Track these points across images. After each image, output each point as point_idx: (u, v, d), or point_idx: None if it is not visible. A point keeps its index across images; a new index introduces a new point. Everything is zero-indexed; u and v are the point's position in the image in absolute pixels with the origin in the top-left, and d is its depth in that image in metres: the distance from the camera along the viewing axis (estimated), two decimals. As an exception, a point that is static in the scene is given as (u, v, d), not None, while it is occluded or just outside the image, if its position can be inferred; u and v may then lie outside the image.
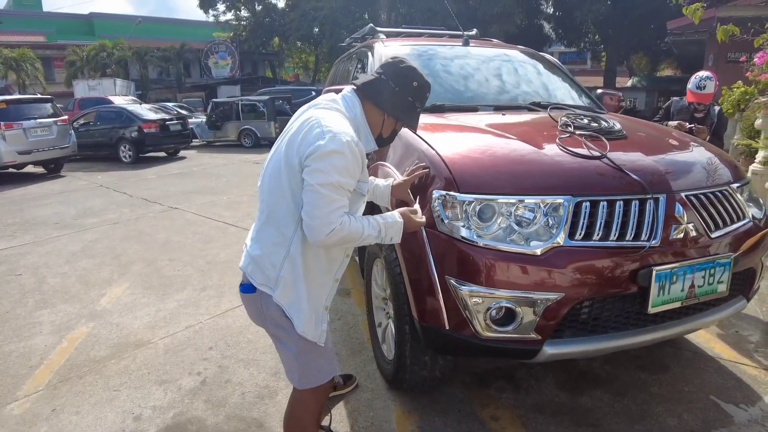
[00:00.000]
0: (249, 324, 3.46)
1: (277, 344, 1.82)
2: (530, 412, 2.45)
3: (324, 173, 1.52)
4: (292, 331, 1.71)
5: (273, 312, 1.70)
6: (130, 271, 4.67)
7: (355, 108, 1.74)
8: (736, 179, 2.40)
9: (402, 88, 1.71)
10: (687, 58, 20.55)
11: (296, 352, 1.75)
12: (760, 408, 2.45)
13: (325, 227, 1.54)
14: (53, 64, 30.87)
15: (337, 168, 1.54)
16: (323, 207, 1.53)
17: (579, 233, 1.91)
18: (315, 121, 1.60)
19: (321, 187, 1.52)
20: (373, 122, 1.76)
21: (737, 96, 8.70)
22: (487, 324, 1.90)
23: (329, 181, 1.53)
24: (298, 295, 1.69)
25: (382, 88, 1.72)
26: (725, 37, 2.77)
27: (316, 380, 1.80)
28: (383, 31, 4.03)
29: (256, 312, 1.77)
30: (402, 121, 1.79)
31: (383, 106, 1.74)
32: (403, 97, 1.72)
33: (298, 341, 1.73)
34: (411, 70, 1.75)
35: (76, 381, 2.87)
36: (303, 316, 1.70)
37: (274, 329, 1.75)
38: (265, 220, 1.71)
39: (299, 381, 1.80)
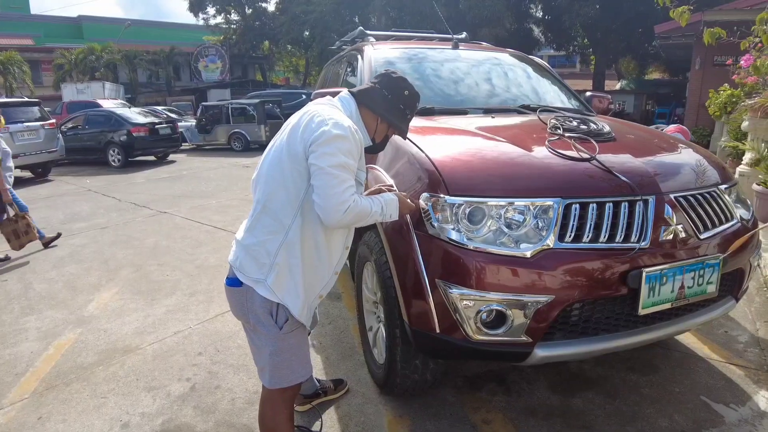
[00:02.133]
0: (239, 329, 3.43)
1: (254, 340, 1.86)
2: (522, 415, 2.44)
3: (333, 155, 1.62)
4: (273, 329, 1.76)
5: (257, 307, 1.74)
6: (119, 276, 4.61)
7: (351, 107, 1.86)
8: (724, 181, 2.42)
9: (394, 95, 1.86)
10: (674, 62, 20.80)
11: (271, 351, 1.79)
12: (749, 407, 2.47)
13: (341, 205, 1.63)
14: (41, 68, 30.61)
15: (343, 150, 1.64)
16: (336, 186, 1.62)
17: (569, 235, 1.91)
18: (315, 113, 1.72)
19: (332, 168, 1.62)
20: (367, 124, 1.89)
21: (724, 98, 8.81)
22: (478, 327, 1.89)
23: (339, 162, 1.63)
24: (294, 281, 1.73)
25: (376, 94, 1.86)
26: (712, 40, 2.79)
27: (287, 381, 1.83)
28: (373, 35, 4.04)
29: (238, 305, 1.80)
30: (393, 127, 1.91)
31: (377, 111, 1.86)
32: (396, 104, 1.86)
33: (275, 340, 1.77)
34: (402, 81, 1.90)
35: (63, 388, 2.82)
36: (299, 301, 1.75)
37: (254, 324, 1.78)
38: (260, 211, 1.74)
39: (270, 380, 1.83)
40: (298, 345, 1.84)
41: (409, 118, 1.93)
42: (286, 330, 1.78)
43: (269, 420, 1.90)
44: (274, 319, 1.75)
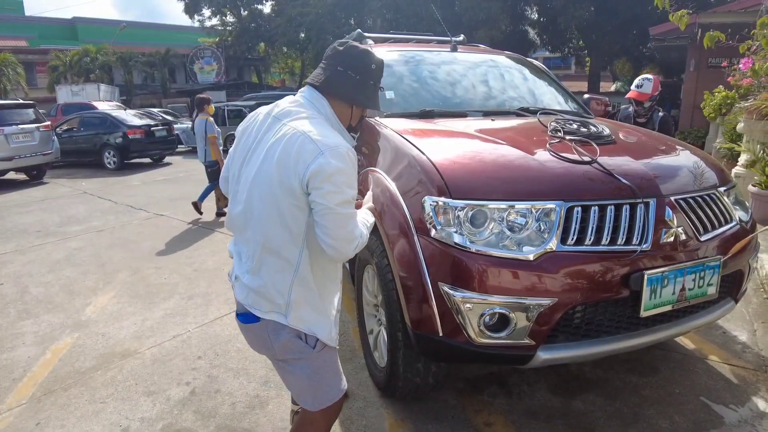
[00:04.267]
0: (238, 332, 3.40)
1: (286, 370, 1.74)
2: (523, 417, 2.44)
3: (339, 193, 1.48)
4: (306, 351, 1.66)
5: (283, 338, 1.63)
6: (116, 279, 4.59)
7: (324, 108, 1.66)
8: (723, 183, 2.43)
9: (362, 74, 1.66)
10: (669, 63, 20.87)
11: (309, 373, 1.69)
12: (749, 408, 2.48)
13: (351, 243, 1.55)
14: (35, 69, 30.47)
15: (347, 183, 1.51)
16: (346, 226, 1.52)
17: (571, 238, 1.92)
18: (303, 137, 1.51)
19: (340, 207, 1.49)
20: (341, 114, 1.69)
21: (719, 100, 8.86)
22: (481, 330, 1.89)
23: (345, 199, 1.50)
24: (316, 310, 1.65)
25: (344, 81, 1.65)
26: (711, 43, 2.81)
27: (330, 398, 1.75)
28: (371, 37, 4.03)
29: (260, 341, 1.70)
30: (370, 107, 1.75)
31: (350, 99, 1.68)
32: (366, 83, 1.68)
33: (311, 361, 1.68)
34: (366, 54, 1.69)
35: (61, 393, 2.80)
36: (326, 327, 1.68)
37: (283, 356, 1.68)
38: (261, 251, 1.59)
39: (313, 403, 1.73)
40: (332, 359, 1.76)
41: (380, 89, 1.79)
42: (319, 348, 1.68)
43: None
44: (305, 341, 1.65)
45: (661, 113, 4.56)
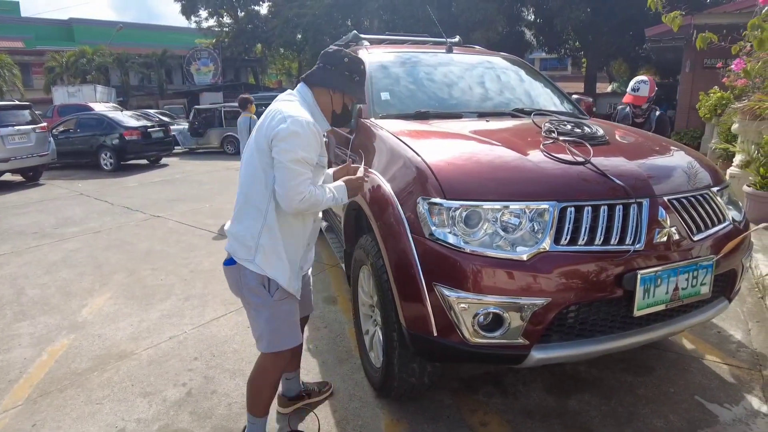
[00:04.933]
0: (234, 334, 3.43)
1: (252, 312, 2.09)
2: (519, 416, 2.45)
3: (291, 151, 1.85)
4: (267, 298, 2.01)
5: (250, 281, 2.00)
6: (112, 281, 4.59)
7: (307, 96, 2.08)
8: (716, 183, 2.45)
9: (336, 66, 2.07)
10: (665, 64, 20.94)
11: (267, 317, 2.04)
12: (743, 407, 2.49)
13: (297, 195, 1.87)
14: (31, 71, 30.36)
15: (300, 145, 1.86)
16: (293, 179, 1.86)
17: (564, 238, 1.93)
18: (277, 111, 1.95)
19: (290, 162, 1.85)
20: (323, 102, 2.09)
21: (714, 101, 8.90)
22: (475, 330, 1.90)
23: (296, 157, 1.85)
24: (278, 257, 1.99)
25: (320, 71, 2.09)
26: (704, 44, 2.83)
27: (281, 345, 2.09)
28: (367, 38, 4.05)
29: (234, 281, 2.07)
30: (346, 93, 2.10)
31: (326, 83, 2.07)
32: (340, 72, 2.07)
33: (269, 307, 2.03)
34: (339, 51, 2.12)
35: (57, 395, 2.80)
36: (286, 274, 2.01)
37: (249, 297, 2.05)
38: (243, 203, 2.02)
39: (267, 345, 2.09)
40: (290, 312, 2.09)
41: (358, 80, 2.11)
42: (278, 297, 2.03)
43: (258, 381, 2.15)
44: (267, 289, 2.01)
45: (657, 112, 4.59)
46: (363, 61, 2.13)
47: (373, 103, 3.03)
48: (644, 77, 4.59)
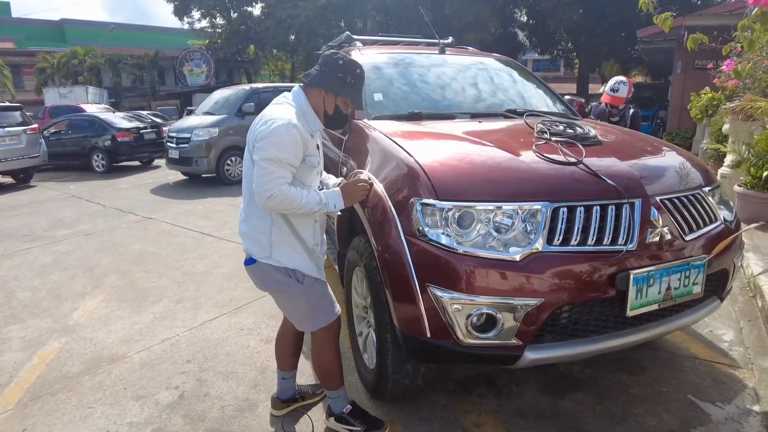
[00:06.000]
0: (227, 336, 3.41)
1: (285, 301, 2.22)
2: (513, 417, 2.46)
3: (264, 150, 1.93)
4: (298, 286, 2.12)
5: (274, 274, 2.11)
6: (104, 283, 4.55)
7: (299, 98, 2.13)
8: (708, 183, 2.46)
9: (330, 67, 2.10)
10: (656, 65, 21.09)
11: (304, 300, 2.17)
12: (735, 405, 2.51)
13: (264, 193, 1.92)
14: (22, 72, 30.13)
15: (274, 145, 1.92)
16: (263, 177, 1.93)
17: (557, 239, 1.93)
18: (263, 115, 2.05)
19: (261, 161, 1.93)
20: (315, 102, 2.13)
21: (705, 102, 8.96)
22: (468, 331, 1.90)
23: (267, 156, 1.92)
24: (294, 248, 2.11)
25: (316, 72, 2.13)
26: (695, 45, 2.84)
27: (326, 320, 2.22)
28: (359, 39, 4.04)
29: (258, 279, 2.19)
30: (340, 94, 2.12)
31: (320, 85, 2.10)
32: (334, 73, 2.09)
33: (303, 293, 2.15)
34: (335, 53, 2.16)
35: (48, 399, 2.77)
36: (306, 263, 2.14)
37: (279, 289, 2.16)
38: (248, 201, 2.12)
39: (313, 324, 2.22)
40: (323, 291, 2.23)
41: (352, 83, 2.12)
42: (308, 283, 2.15)
43: (322, 358, 2.29)
44: (295, 279, 2.12)
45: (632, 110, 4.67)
46: (359, 65, 2.14)
47: (366, 104, 3.03)
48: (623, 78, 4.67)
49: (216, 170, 9.55)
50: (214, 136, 9.44)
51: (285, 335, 2.51)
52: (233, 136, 9.60)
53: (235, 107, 9.80)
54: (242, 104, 9.70)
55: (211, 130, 9.46)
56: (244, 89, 10.24)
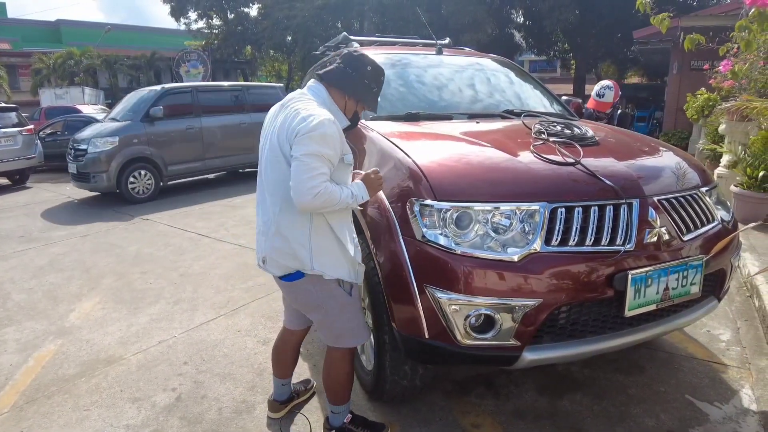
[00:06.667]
0: (224, 337, 3.40)
1: (331, 317, 2.07)
2: (511, 418, 2.45)
3: (305, 145, 1.78)
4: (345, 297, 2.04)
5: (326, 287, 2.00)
6: (101, 285, 4.53)
7: (322, 94, 2.01)
8: (705, 183, 2.47)
9: (358, 72, 2.01)
10: (653, 66, 21.16)
11: (350, 315, 2.07)
12: (733, 405, 2.51)
13: (311, 190, 1.76)
14: (18, 72, 29.97)
15: (317, 140, 1.79)
16: (307, 172, 1.77)
17: (555, 239, 1.93)
18: (296, 111, 1.89)
19: (303, 156, 1.78)
20: (337, 104, 2.03)
21: (701, 102, 8.99)
22: (467, 331, 1.90)
23: (310, 150, 1.78)
24: (336, 256, 1.98)
25: (341, 73, 2.01)
26: (692, 45, 2.85)
27: (362, 337, 2.16)
28: (356, 40, 4.04)
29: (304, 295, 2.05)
30: (362, 102, 2.06)
31: (344, 88, 2.01)
32: (360, 79, 2.01)
33: (348, 306, 2.06)
34: (363, 57, 2.06)
35: (44, 401, 2.76)
36: (350, 269, 2.03)
37: (329, 301, 2.02)
38: (279, 210, 1.93)
39: (350, 341, 2.13)
40: (360, 307, 2.16)
41: (375, 92, 2.07)
42: (355, 295, 2.09)
43: (341, 372, 2.17)
44: (342, 288, 2.03)
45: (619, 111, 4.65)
46: (383, 72, 2.09)
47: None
48: (609, 82, 4.58)
49: (118, 186, 8.11)
50: (114, 147, 8.03)
51: (287, 346, 2.47)
52: (139, 145, 8.27)
53: (141, 112, 8.48)
54: (150, 108, 8.41)
55: (110, 140, 8.05)
56: (154, 90, 9.01)
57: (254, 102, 9.93)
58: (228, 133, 9.48)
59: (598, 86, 4.58)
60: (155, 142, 8.46)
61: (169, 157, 8.66)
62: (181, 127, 8.85)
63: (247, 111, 9.78)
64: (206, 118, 9.21)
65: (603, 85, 4.53)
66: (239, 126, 9.59)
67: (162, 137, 8.56)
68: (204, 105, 9.26)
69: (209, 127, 9.23)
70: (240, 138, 9.58)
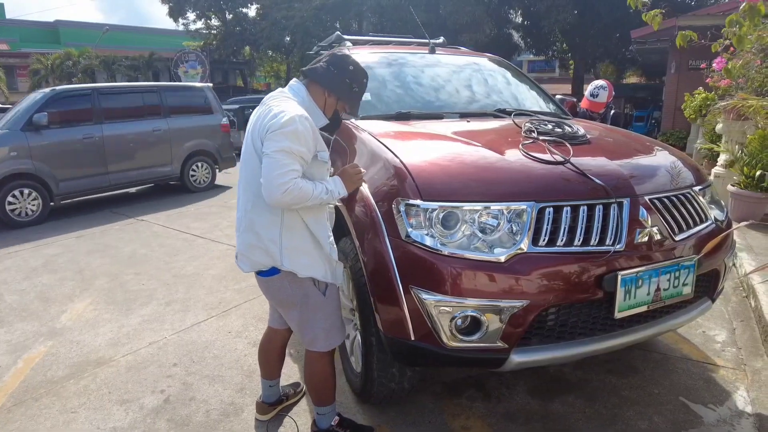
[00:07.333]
0: (215, 339, 3.37)
1: (305, 317, 2.06)
2: (502, 420, 2.42)
3: (276, 141, 1.79)
4: (319, 297, 2.03)
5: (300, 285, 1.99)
6: (93, 286, 4.50)
7: (301, 92, 2.03)
8: (699, 182, 2.43)
9: (339, 70, 2.02)
10: (651, 66, 21.16)
11: (323, 316, 2.05)
12: (728, 407, 2.48)
13: (280, 186, 1.76)
14: (16, 73, 30.00)
15: (288, 136, 1.79)
16: (277, 168, 1.77)
17: (543, 239, 1.90)
18: (269, 108, 1.91)
19: (274, 152, 1.78)
20: (317, 101, 2.04)
21: (699, 102, 8.96)
22: (453, 333, 1.86)
23: (280, 147, 1.78)
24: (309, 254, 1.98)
25: (323, 70, 2.03)
26: (684, 42, 2.82)
27: (338, 339, 2.15)
28: (350, 39, 4.01)
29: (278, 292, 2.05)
30: (341, 100, 2.06)
31: (324, 85, 2.02)
32: (341, 78, 2.02)
33: (323, 305, 2.05)
34: (347, 57, 2.08)
35: (32, 404, 2.73)
36: (324, 268, 2.02)
37: (304, 300, 2.01)
38: (252, 206, 1.94)
39: (326, 343, 2.10)
40: (338, 305, 2.15)
41: (356, 91, 2.07)
42: (329, 294, 2.06)
43: (321, 373, 2.15)
44: (318, 288, 2.02)
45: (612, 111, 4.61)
46: (366, 75, 2.11)
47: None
48: (603, 82, 4.54)
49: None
50: None
51: (272, 346, 2.45)
52: (18, 159, 6.82)
53: (23, 119, 7.02)
54: (33, 115, 6.99)
55: None
56: (43, 93, 7.51)
57: (173, 105, 8.68)
58: (139, 142, 8.10)
59: (591, 86, 4.55)
60: (41, 155, 7.04)
61: (61, 173, 7.24)
62: (76, 136, 7.42)
63: (164, 115, 8.48)
64: (109, 124, 7.78)
65: (597, 85, 4.49)
66: (153, 133, 8.26)
67: (51, 149, 7.14)
68: (107, 109, 7.84)
69: (113, 136, 7.79)
70: (155, 147, 8.32)
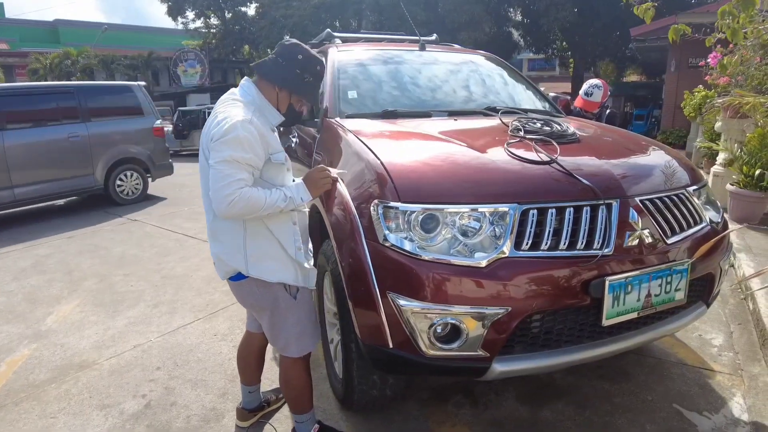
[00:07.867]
0: (200, 342, 3.30)
1: (276, 321, 2.00)
2: (489, 428, 2.35)
3: (219, 151, 1.72)
4: (290, 301, 1.97)
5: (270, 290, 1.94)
6: (81, 287, 4.44)
7: (250, 92, 1.92)
8: (693, 182, 2.35)
9: (288, 61, 1.89)
10: (651, 64, 21.08)
11: (293, 321, 1.99)
12: (723, 415, 2.40)
13: (224, 199, 1.70)
14: (15, 72, 29.90)
15: (230, 145, 1.71)
16: (220, 180, 1.71)
17: (526, 243, 1.82)
18: (215, 115, 1.84)
19: (217, 164, 1.72)
20: (268, 97, 1.93)
21: (698, 100, 8.88)
22: (431, 341, 1.78)
23: (223, 157, 1.71)
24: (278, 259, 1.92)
25: (270, 63, 1.92)
26: (676, 36, 2.75)
27: (311, 345, 2.09)
28: (340, 37, 3.94)
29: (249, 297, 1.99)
30: (294, 93, 1.94)
31: (273, 80, 1.91)
32: (291, 69, 1.89)
33: (294, 310, 1.99)
34: (295, 46, 1.93)
35: (11, 408, 2.66)
36: (291, 273, 1.95)
37: (272, 306, 1.96)
38: (213, 219, 1.90)
39: (297, 349, 2.04)
40: (311, 310, 2.08)
41: (309, 82, 1.93)
42: (300, 298, 2.00)
43: (297, 380, 2.09)
44: (288, 292, 1.96)
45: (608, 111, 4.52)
46: (320, 62, 1.96)
47: (340, 101, 2.91)
48: (598, 81, 4.44)
49: None
50: None
51: (249, 350, 2.38)
52: None
53: None
54: None
55: None
56: None
57: (95, 107, 7.58)
58: (52, 150, 7.04)
59: (586, 85, 4.44)
60: None
61: None
62: None
63: (83, 119, 7.37)
64: (12, 132, 6.75)
65: (592, 84, 4.39)
66: (68, 140, 7.19)
67: None
68: (9, 113, 6.80)
69: (18, 145, 6.75)
70: (71, 155, 7.26)
